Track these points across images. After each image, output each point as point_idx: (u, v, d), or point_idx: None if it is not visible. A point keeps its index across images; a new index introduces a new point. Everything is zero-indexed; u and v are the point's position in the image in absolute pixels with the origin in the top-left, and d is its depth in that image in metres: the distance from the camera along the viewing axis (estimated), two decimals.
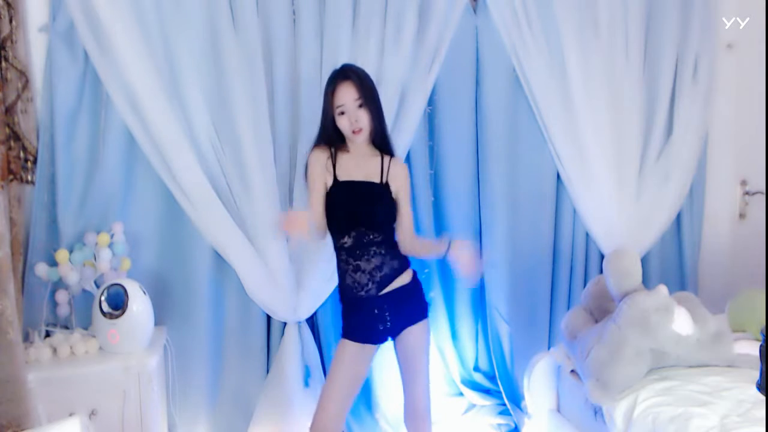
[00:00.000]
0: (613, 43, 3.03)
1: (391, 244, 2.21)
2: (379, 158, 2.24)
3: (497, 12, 2.91)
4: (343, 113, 2.12)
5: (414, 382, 2.24)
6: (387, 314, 2.18)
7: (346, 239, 2.15)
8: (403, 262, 2.24)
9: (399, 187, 2.24)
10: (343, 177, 2.17)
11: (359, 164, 2.20)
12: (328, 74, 2.67)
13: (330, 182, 2.17)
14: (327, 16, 2.71)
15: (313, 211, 2.16)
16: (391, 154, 2.27)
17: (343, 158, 2.20)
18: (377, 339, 2.21)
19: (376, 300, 2.16)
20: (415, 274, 2.28)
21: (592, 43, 2.99)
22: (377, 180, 2.20)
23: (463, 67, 2.98)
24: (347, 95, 2.11)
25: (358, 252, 2.15)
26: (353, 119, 2.11)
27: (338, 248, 2.19)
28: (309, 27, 2.70)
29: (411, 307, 2.24)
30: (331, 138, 2.19)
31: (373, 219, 2.16)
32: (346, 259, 2.17)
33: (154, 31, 2.52)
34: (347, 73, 2.15)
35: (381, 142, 2.23)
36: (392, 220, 2.24)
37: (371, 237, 2.15)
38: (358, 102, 2.11)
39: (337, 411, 2.15)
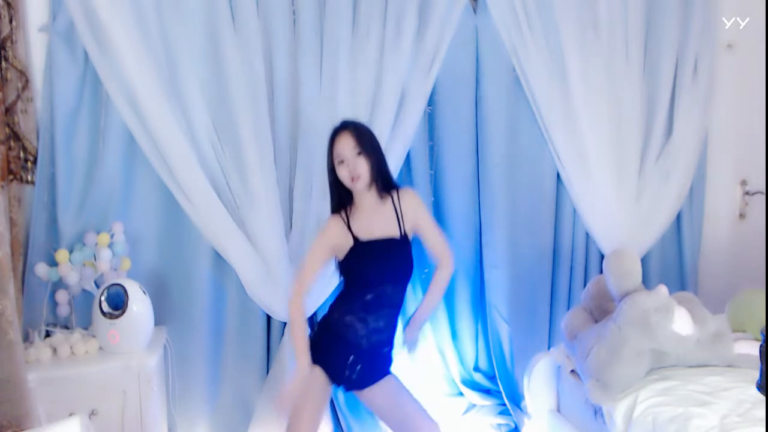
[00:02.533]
0: (613, 44, 3.03)
1: (401, 305, 2.23)
2: (390, 202, 2.22)
3: (497, 12, 2.91)
4: (342, 162, 2.13)
5: (416, 410, 2.20)
6: (358, 366, 2.16)
7: (368, 296, 2.15)
8: (394, 332, 2.25)
9: (417, 217, 2.24)
10: (362, 236, 2.16)
11: (373, 218, 2.18)
12: (328, 74, 2.70)
13: (349, 245, 2.15)
14: (327, 16, 2.70)
15: (306, 268, 2.18)
16: (397, 188, 2.25)
17: (356, 217, 2.19)
18: (341, 381, 2.18)
19: (360, 350, 2.15)
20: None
21: (592, 44, 2.99)
22: (396, 233, 2.19)
23: (463, 67, 2.98)
24: (345, 146, 2.12)
25: (372, 308, 2.15)
26: (351, 167, 2.11)
27: (356, 297, 2.18)
28: (309, 27, 2.70)
29: (381, 363, 2.23)
30: (340, 198, 2.20)
31: (398, 275, 2.18)
32: (358, 309, 2.16)
33: (154, 31, 2.52)
34: (345, 125, 2.17)
35: (384, 184, 2.21)
36: (412, 274, 2.24)
37: (393, 299, 2.18)
38: (356, 150, 2.12)
39: None
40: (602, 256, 3.10)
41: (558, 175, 3.11)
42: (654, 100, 3.14)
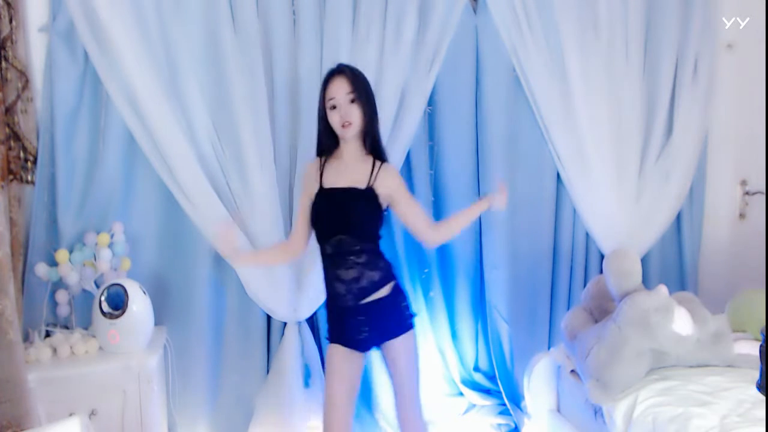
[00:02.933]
0: (613, 44, 3.03)
1: (372, 255, 2.14)
2: (370, 164, 2.17)
3: (497, 12, 2.91)
4: (334, 107, 2.08)
5: (401, 394, 2.21)
6: (365, 327, 2.13)
7: (327, 248, 2.14)
8: (385, 276, 2.15)
9: (392, 191, 2.16)
10: (327, 185, 2.15)
11: (347, 170, 2.16)
12: None
13: (315, 189, 2.16)
14: (327, 16, 2.71)
15: (295, 224, 2.22)
16: (384, 161, 2.21)
17: (332, 166, 2.18)
18: (358, 346, 2.18)
19: (353, 310, 2.13)
20: (396, 287, 2.19)
21: (592, 44, 2.99)
22: (362, 185, 2.13)
23: (463, 67, 2.98)
24: (339, 89, 2.07)
25: (337, 261, 2.12)
26: (343, 112, 2.07)
27: (321, 256, 2.17)
28: (309, 27, 2.70)
29: (389, 321, 2.16)
30: (325, 144, 2.18)
31: (350, 224, 2.10)
32: (327, 267, 2.16)
33: (154, 31, 2.52)
34: (341, 69, 2.12)
35: (372, 144, 2.17)
36: (373, 227, 2.16)
37: (351, 246, 2.10)
38: (350, 96, 2.07)
39: (342, 415, 2.14)
40: (602, 256, 3.10)
41: (558, 175, 3.11)
42: (654, 100, 3.14)
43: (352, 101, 2.08)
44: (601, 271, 2.75)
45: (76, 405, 2.19)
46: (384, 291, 2.15)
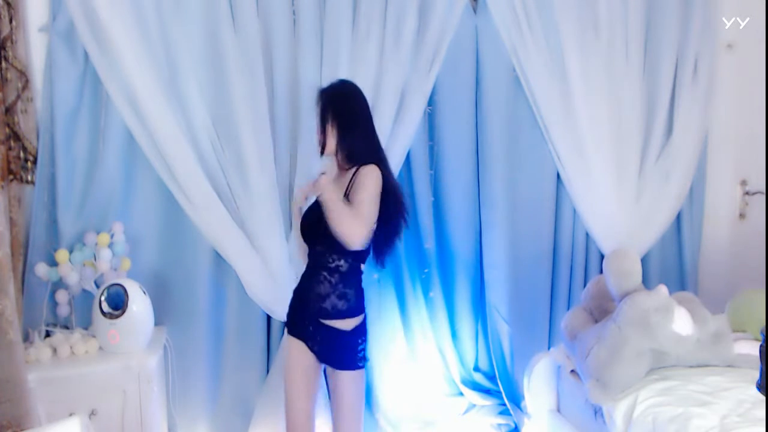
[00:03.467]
0: (613, 44, 3.03)
1: (346, 280, 2.07)
2: (351, 173, 2.10)
3: (497, 12, 2.91)
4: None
5: (338, 427, 2.15)
6: (315, 344, 2.11)
7: (310, 255, 2.15)
8: (351, 309, 2.07)
9: (355, 186, 2.05)
10: None
11: (336, 180, 2.14)
12: (328, 74, 2.70)
13: None
14: (327, 16, 2.71)
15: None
16: (371, 163, 2.08)
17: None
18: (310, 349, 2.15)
19: (311, 320, 2.10)
20: (360, 327, 2.10)
21: (592, 44, 2.99)
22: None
23: (463, 67, 2.98)
24: (316, 115, 2.14)
25: (312, 272, 2.11)
26: (318, 136, 2.14)
27: (308, 257, 2.17)
28: (309, 27, 2.70)
29: (341, 354, 2.09)
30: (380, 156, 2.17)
31: (323, 234, 2.02)
32: (304, 273, 2.16)
33: (154, 31, 2.52)
34: (319, 92, 2.16)
35: (348, 156, 2.11)
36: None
37: (325, 260, 2.07)
38: (322, 120, 2.12)
39: (302, 409, 2.15)
40: (602, 256, 3.10)
41: (558, 175, 3.11)
42: (654, 100, 3.14)
43: (323, 125, 2.12)
44: (601, 271, 2.75)
45: (76, 405, 2.19)
46: (345, 325, 2.07)
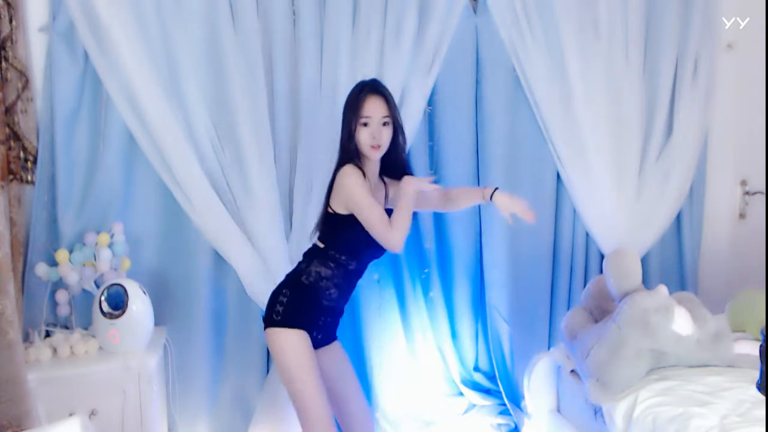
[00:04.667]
0: (613, 44, 3.03)
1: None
2: (383, 187, 2.19)
3: (497, 12, 2.91)
4: (366, 125, 2.04)
5: (358, 390, 2.21)
6: (323, 329, 2.18)
7: (352, 263, 2.13)
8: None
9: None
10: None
11: (376, 190, 2.14)
12: (328, 74, 2.70)
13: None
14: (327, 16, 2.70)
15: (382, 215, 1.99)
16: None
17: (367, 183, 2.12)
18: (319, 345, 2.19)
19: (339, 311, 2.21)
20: None
21: (592, 44, 2.99)
22: (388, 206, 2.17)
23: (463, 67, 2.98)
24: (377, 109, 2.04)
25: (352, 278, 2.17)
26: (376, 134, 2.03)
27: (337, 262, 2.12)
28: (309, 27, 2.69)
29: (334, 325, 2.26)
30: (353, 156, 2.07)
31: (381, 253, 2.17)
32: (338, 275, 2.12)
33: (154, 31, 2.52)
34: (378, 88, 2.08)
35: (393, 168, 2.17)
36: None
37: (366, 269, 2.21)
38: (385, 120, 2.05)
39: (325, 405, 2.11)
40: (602, 256, 3.10)
41: (558, 176, 3.11)
42: (654, 100, 3.14)
43: (385, 125, 2.06)
44: (601, 271, 2.75)
45: (76, 405, 2.19)
46: None
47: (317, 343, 2.15)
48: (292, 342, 2.04)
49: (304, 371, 2.02)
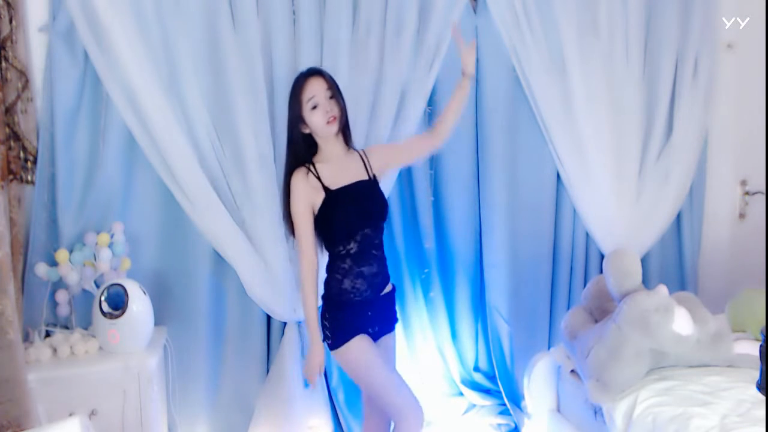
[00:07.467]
0: (613, 44, 3.03)
1: (383, 250, 2.25)
2: (356, 154, 2.26)
3: (497, 12, 2.91)
4: (314, 107, 2.12)
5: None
6: (375, 320, 2.22)
7: (351, 245, 2.15)
8: (388, 272, 2.29)
9: (385, 159, 2.32)
10: (333, 186, 2.15)
11: (342, 168, 2.19)
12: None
13: (320, 198, 2.14)
14: (327, 16, 2.70)
15: (307, 239, 2.15)
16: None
17: (324, 169, 2.17)
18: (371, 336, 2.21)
19: (370, 303, 2.20)
20: (393, 285, 2.33)
21: (592, 43, 2.99)
22: (365, 176, 2.22)
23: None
24: (318, 88, 2.13)
25: (361, 258, 2.16)
26: (328, 107, 2.12)
27: (341, 256, 2.16)
28: (309, 27, 2.69)
29: (391, 314, 2.31)
30: (301, 153, 2.18)
31: (377, 213, 2.19)
32: (349, 266, 2.15)
33: (154, 31, 2.52)
34: (312, 70, 2.18)
35: (347, 134, 2.25)
36: (387, 216, 2.26)
37: (373, 240, 2.19)
38: (329, 93, 2.14)
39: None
40: (602, 256, 3.10)
41: (558, 175, 3.11)
42: (654, 100, 3.14)
43: (331, 97, 2.14)
44: (601, 271, 2.75)
45: (76, 405, 2.19)
46: (389, 286, 2.29)
47: (376, 336, 2.21)
48: (353, 353, 2.13)
49: (375, 370, 2.11)
